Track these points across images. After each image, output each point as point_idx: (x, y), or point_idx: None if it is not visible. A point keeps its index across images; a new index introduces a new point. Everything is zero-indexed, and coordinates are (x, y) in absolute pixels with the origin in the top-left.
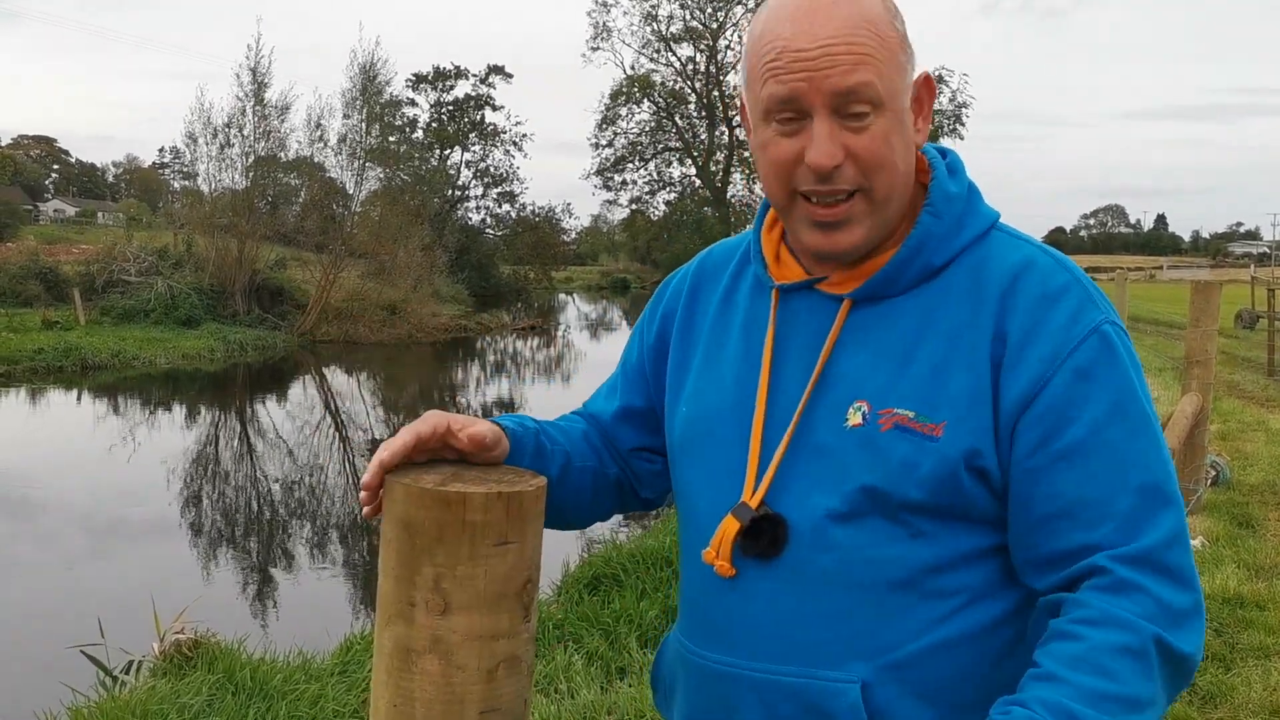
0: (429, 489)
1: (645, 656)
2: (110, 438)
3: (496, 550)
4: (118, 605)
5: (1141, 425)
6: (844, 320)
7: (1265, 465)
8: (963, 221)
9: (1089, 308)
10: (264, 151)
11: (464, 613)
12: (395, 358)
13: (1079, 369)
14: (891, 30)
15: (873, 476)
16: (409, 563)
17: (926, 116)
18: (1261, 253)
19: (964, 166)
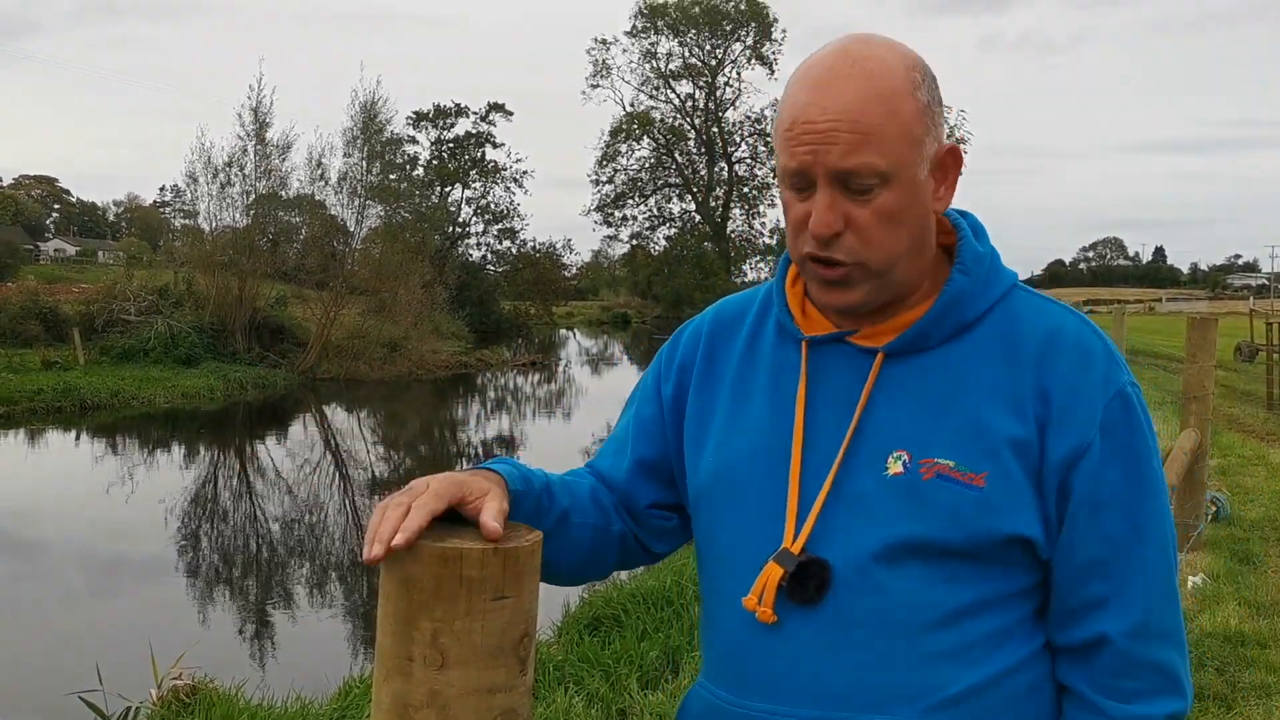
0: (426, 545)
1: (646, 698)
2: (108, 478)
3: (493, 605)
4: (116, 648)
5: (1151, 487)
6: (878, 372)
7: (1266, 500)
8: (989, 280)
9: (1115, 369)
10: (265, 189)
11: (461, 667)
12: (396, 395)
13: (1107, 431)
14: (909, 102)
15: (915, 524)
16: (407, 618)
17: (951, 185)
18: (1260, 285)
19: (985, 230)
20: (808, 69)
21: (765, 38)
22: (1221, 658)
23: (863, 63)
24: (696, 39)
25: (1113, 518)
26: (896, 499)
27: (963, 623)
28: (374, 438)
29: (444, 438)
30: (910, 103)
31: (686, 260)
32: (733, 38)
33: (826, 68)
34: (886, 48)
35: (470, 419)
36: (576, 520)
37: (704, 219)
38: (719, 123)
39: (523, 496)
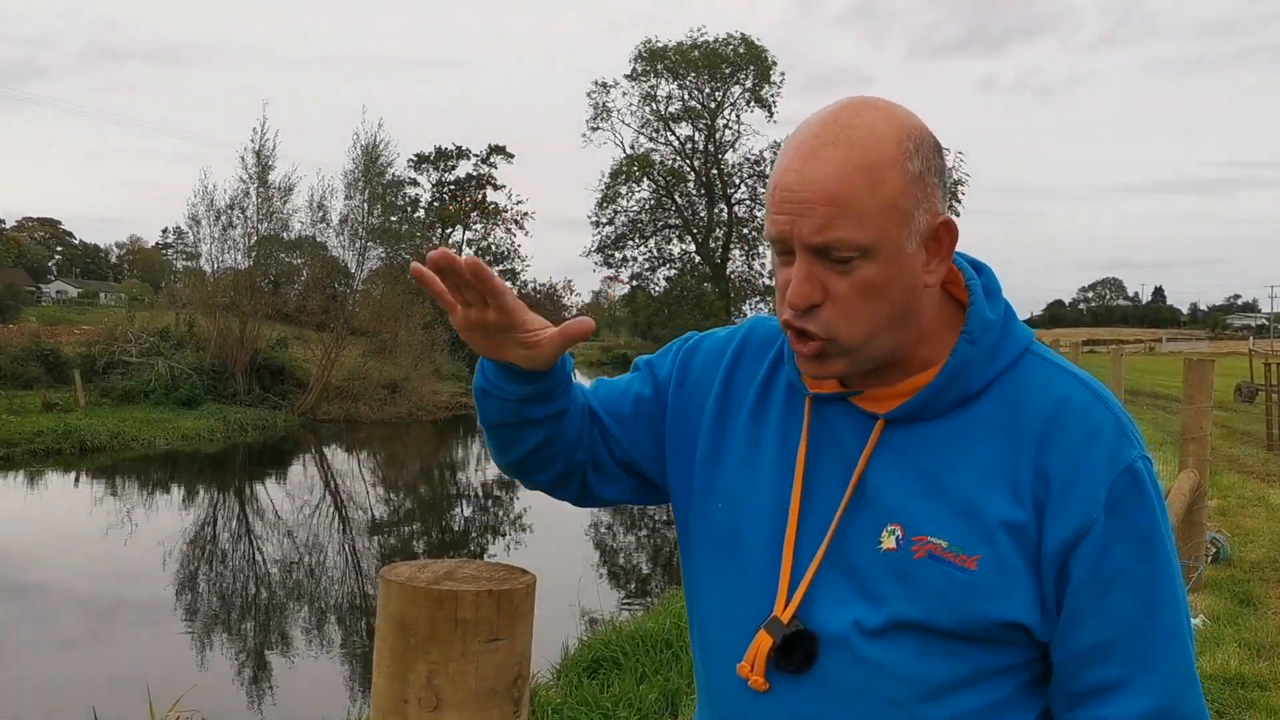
0: (422, 587)
1: None
2: (108, 520)
3: (488, 647)
4: (113, 691)
5: (1163, 566)
6: (878, 439)
7: (1266, 541)
8: (999, 347)
9: (1125, 445)
10: (267, 231)
11: (456, 709)
12: (396, 436)
13: (1114, 508)
14: (896, 174)
15: (905, 604)
16: (402, 660)
17: (944, 258)
18: (1260, 325)
19: (999, 286)
20: (799, 132)
21: (764, 80)
22: (1222, 700)
23: (850, 131)
24: (696, 82)
25: (1121, 598)
26: (887, 576)
27: (955, 695)
28: (374, 479)
29: (444, 479)
30: (897, 175)
31: (687, 301)
32: (732, 81)
33: (814, 134)
34: (882, 114)
35: (470, 460)
36: (566, 423)
37: (704, 260)
38: (718, 164)
39: (560, 367)
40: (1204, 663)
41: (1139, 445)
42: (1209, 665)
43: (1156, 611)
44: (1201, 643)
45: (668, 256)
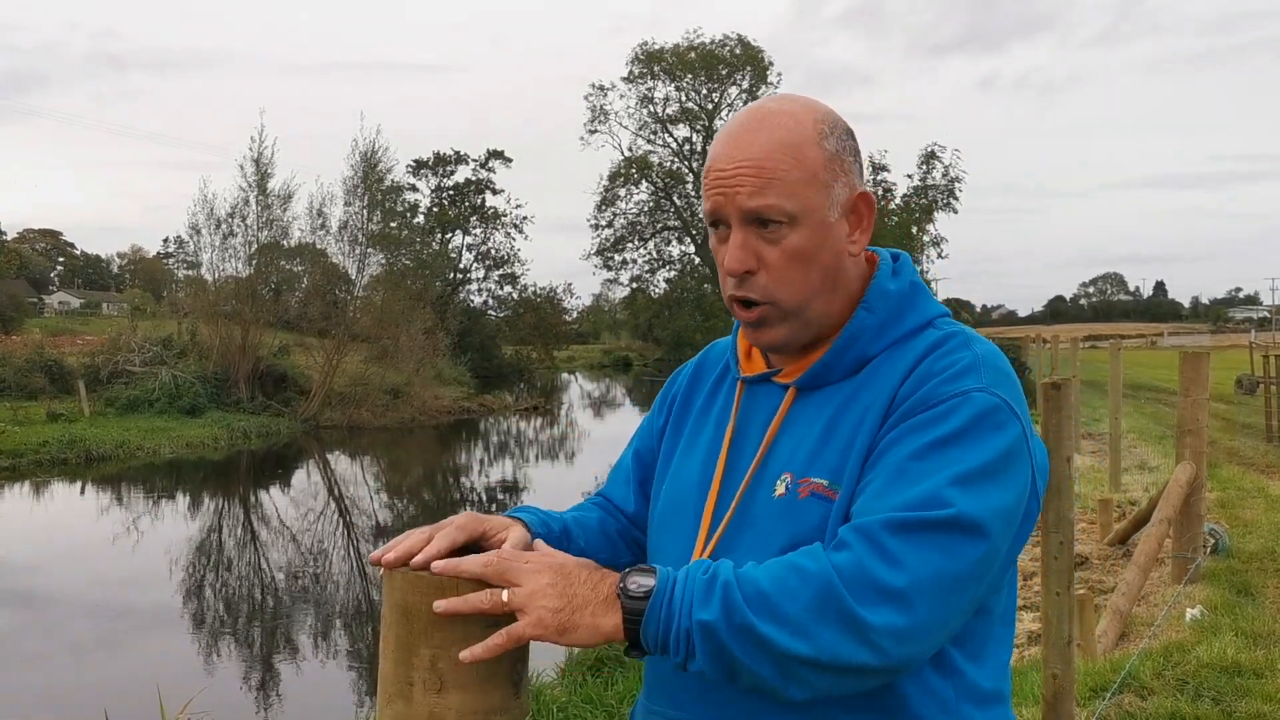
0: (425, 577)
1: None
2: (114, 528)
3: (487, 632)
4: (123, 696)
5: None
6: (788, 406)
7: (1265, 532)
8: (900, 315)
9: (970, 377)
10: (267, 239)
11: (459, 691)
12: (399, 441)
13: (931, 409)
14: (815, 150)
15: (788, 538)
16: (407, 645)
17: (865, 229)
18: (1262, 318)
19: (912, 269)
20: (727, 124)
21: (761, 81)
22: (1218, 688)
23: (771, 117)
24: (693, 84)
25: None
26: (776, 517)
27: None
28: (377, 484)
29: (447, 483)
30: (816, 151)
31: (687, 302)
32: (728, 82)
33: (739, 123)
34: (799, 103)
35: (473, 464)
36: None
37: (703, 261)
38: None
39: (543, 540)
40: (1201, 652)
41: (991, 384)
42: (1206, 654)
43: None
44: (1199, 633)
45: (667, 258)
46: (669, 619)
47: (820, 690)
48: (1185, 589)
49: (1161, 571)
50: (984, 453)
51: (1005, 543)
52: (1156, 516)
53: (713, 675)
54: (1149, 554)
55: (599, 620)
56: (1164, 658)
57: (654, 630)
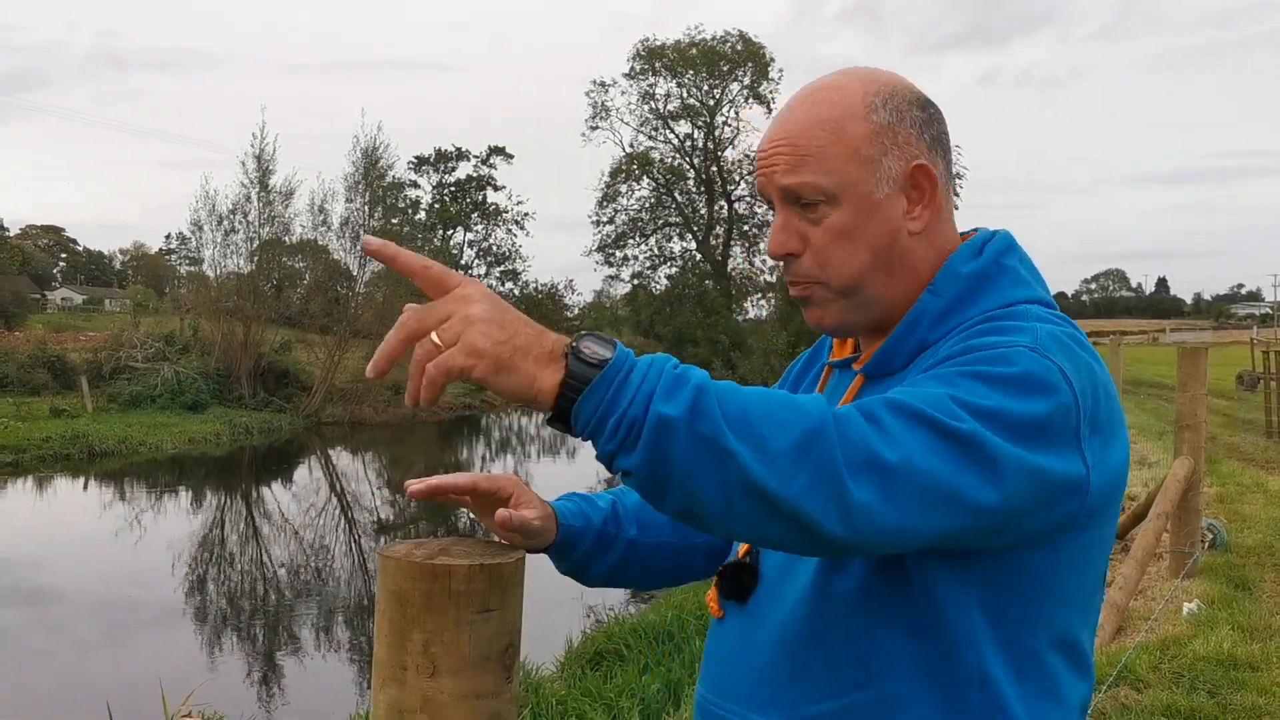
0: (418, 562)
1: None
2: (117, 523)
3: (480, 617)
4: (126, 691)
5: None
6: (854, 394)
7: (1263, 527)
8: (970, 299)
9: (1020, 334)
10: (268, 236)
11: (451, 675)
12: (400, 437)
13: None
14: (860, 124)
15: None
16: (400, 630)
17: (928, 203)
18: (1264, 314)
19: (1005, 249)
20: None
21: (762, 77)
22: (1214, 681)
23: (816, 93)
24: (694, 80)
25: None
26: None
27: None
28: (379, 480)
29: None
30: (860, 125)
31: (688, 299)
32: (730, 78)
33: (790, 101)
34: (854, 76)
35: (475, 460)
36: (650, 540)
37: (705, 257)
38: (718, 162)
39: (578, 534)
40: (1197, 645)
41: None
42: (1202, 648)
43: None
44: (1196, 626)
45: (668, 254)
46: (615, 399)
47: (746, 534)
48: (1183, 583)
49: (1159, 566)
50: (1022, 405)
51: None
52: (1154, 511)
53: (640, 480)
54: (1146, 548)
55: (539, 370)
56: (1160, 651)
57: (593, 405)
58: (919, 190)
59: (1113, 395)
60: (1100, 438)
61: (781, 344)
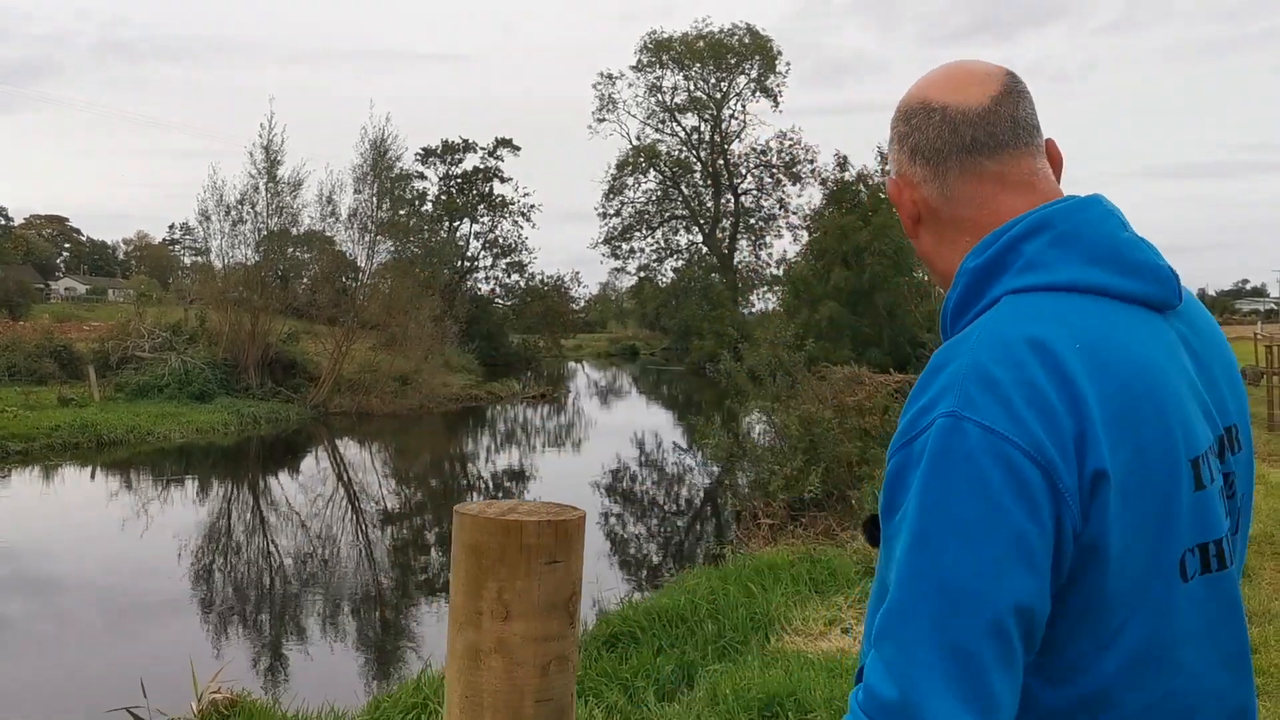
0: (493, 518)
1: (663, 709)
2: (127, 512)
3: (548, 568)
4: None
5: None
6: None
7: (1263, 518)
8: (975, 295)
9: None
10: (276, 227)
11: (522, 619)
12: (407, 428)
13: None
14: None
15: None
16: (476, 579)
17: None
18: (1269, 309)
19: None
20: None
21: (770, 70)
22: None
23: None
24: (701, 73)
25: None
26: None
27: None
28: (386, 470)
29: (455, 470)
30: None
31: (694, 291)
32: (737, 71)
33: None
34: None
35: (481, 452)
36: None
37: (711, 250)
38: (724, 155)
39: None
40: None
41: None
42: None
43: (897, 555)
44: None
45: (675, 247)
46: None
47: None
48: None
49: None
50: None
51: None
52: None
53: None
54: None
55: None
56: None
57: None
58: (901, 195)
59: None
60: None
61: (788, 336)
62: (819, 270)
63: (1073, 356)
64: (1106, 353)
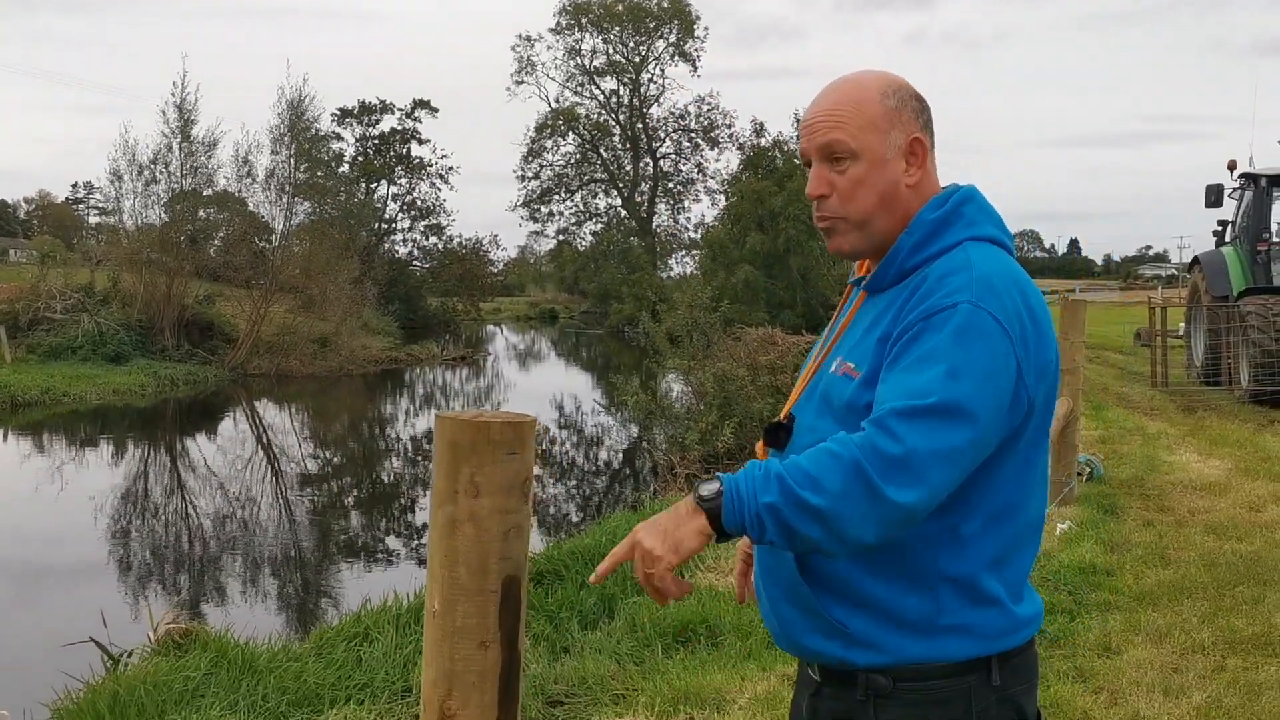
0: (468, 420)
1: (585, 636)
2: (49, 472)
3: (508, 458)
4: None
5: (938, 355)
6: (858, 306)
7: (1136, 463)
8: (933, 238)
9: (964, 290)
10: (191, 187)
11: (488, 496)
12: (327, 390)
13: (926, 324)
14: (875, 106)
15: (825, 405)
16: (454, 466)
17: (920, 165)
18: (1170, 275)
19: (963, 201)
20: (819, 91)
21: (688, 35)
22: (1073, 583)
23: (844, 82)
24: (620, 36)
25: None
26: (829, 388)
27: None
28: (304, 431)
29: (374, 432)
30: (876, 106)
31: (613, 255)
32: (656, 35)
33: (825, 88)
34: (871, 75)
35: (400, 414)
36: None
37: (630, 214)
38: (643, 119)
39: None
40: (1064, 557)
41: (982, 297)
42: (1069, 558)
43: (914, 380)
44: (1065, 543)
45: (594, 211)
46: (740, 507)
47: (856, 539)
48: (1059, 509)
49: None
50: (965, 353)
51: (994, 427)
52: None
53: (780, 543)
54: None
55: (692, 524)
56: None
57: (732, 518)
58: (915, 156)
59: (1036, 310)
60: (1031, 357)
61: (705, 299)
62: (735, 234)
63: (1030, 290)
64: (1032, 289)
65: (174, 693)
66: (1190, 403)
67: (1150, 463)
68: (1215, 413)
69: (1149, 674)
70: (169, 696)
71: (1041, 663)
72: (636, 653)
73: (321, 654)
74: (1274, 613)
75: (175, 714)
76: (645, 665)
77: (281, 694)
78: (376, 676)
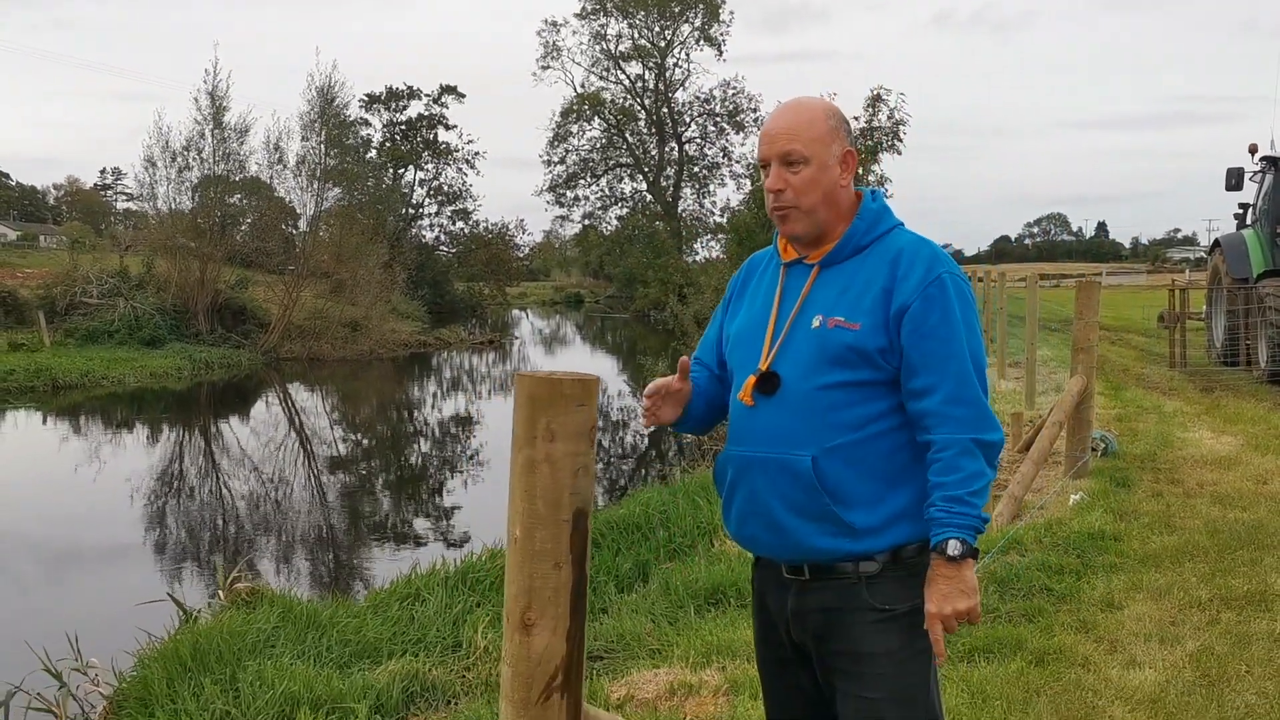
0: (543, 377)
1: (622, 599)
2: (93, 450)
3: (578, 409)
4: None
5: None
6: (815, 277)
7: (1150, 439)
8: (875, 224)
9: (936, 265)
10: (223, 173)
11: (563, 441)
12: (357, 373)
13: (925, 297)
14: (822, 124)
15: (818, 353)
16: (532, 415)
17: (850, 171)
18: (1198, 258)
19: (882, 198)
20: (777, 108)
21: (713, 19)
22: (1082, 547)
23: (798, 104)
24: (645, 21)
25: (929, 341)
26: (815, 339)
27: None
28: (336, 415)
29: (403, 415)
30: (823, 125)
31: (638, 240)
32: (681, 19)
33: (784, 107)
34: (816, 100)
35: (428, 397)
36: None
37: (655, 198)
38: (669, 103)
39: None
40: (1075, 524)
41: (948, 267)
42: (1079, 525)
43: (949, 349)
44: (1077, 512)
45: (619, 195)
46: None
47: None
48: (1073, 481)
49: (1057, 470)
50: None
51: None
52: (1050, 420)
53: None
54: (1042, 450)
55: (968, 570)
56: (1046, 529)
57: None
58: (847, 164)
59: None
60: None
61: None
62: (761, 219)
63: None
64: None
65: (248, 643)
66: (1208, 383)
67: (1164, 439)
68: (1232, 392)
69: (1147, 626)
70: (243, 646)
71: (1047, 616)
72: (670, 613)
73: (377, 611)
74: (1270, 574)
75: (251, 660)
76: (679, 624)
77: (344, 646)
78: (429, 632)
